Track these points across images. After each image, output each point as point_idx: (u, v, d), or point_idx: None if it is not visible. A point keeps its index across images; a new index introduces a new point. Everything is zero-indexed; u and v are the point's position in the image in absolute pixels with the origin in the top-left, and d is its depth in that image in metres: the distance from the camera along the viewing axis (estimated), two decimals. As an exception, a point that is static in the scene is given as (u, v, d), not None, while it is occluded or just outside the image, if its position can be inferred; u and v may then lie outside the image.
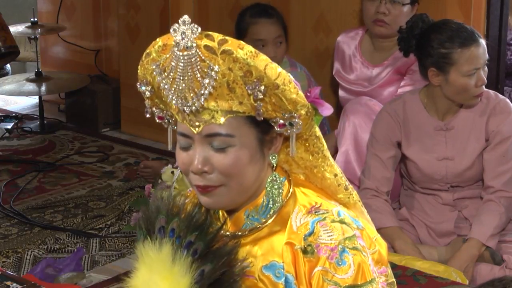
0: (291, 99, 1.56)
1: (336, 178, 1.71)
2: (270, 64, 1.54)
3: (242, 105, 1.55)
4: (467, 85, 3.09)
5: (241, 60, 1.52)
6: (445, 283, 2.85)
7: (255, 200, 1.65)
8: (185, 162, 1.60)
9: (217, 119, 1.55)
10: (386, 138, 3.29)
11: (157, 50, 1.58)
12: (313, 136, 1.66)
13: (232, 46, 1.52)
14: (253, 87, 1.53)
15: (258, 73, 1.53)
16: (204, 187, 1.59)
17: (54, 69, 5.64)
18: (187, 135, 1.59)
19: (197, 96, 1.53)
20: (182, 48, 1.51)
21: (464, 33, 3.08)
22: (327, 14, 4.27)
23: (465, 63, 3.06)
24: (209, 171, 1.58)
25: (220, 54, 1.52)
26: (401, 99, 3.33)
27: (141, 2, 4.99)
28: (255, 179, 1.61)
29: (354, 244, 1.58)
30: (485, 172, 3.20)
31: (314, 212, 1.62)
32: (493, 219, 3.14)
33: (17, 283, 2.45)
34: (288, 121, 1.58)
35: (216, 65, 1.52)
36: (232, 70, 1.52)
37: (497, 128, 3.17)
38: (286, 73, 1.56)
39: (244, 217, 1.65)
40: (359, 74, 3.84)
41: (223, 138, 1.56)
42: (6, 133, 5.17)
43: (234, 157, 1.57)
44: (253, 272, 1.64)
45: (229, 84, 1.53)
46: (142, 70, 1.64)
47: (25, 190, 4.30)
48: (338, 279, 1.56)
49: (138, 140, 5.02)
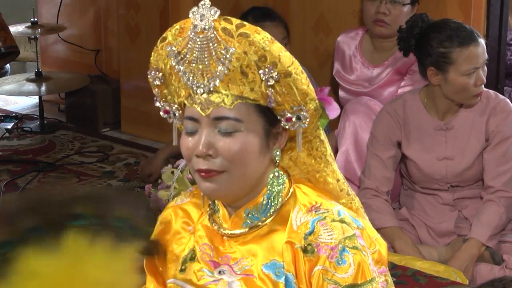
0: (302, 89, 1.57)
1: (339, 183, 1.71)
2: (285, 52, 1.56)
3: (253, 92, 1.56)
4: (466, 84, 3.09)
5: (257, 44, 1.54)
6: (445, 283, 2.86)
7: (255, 199, 1.64)
8: (189, 147, 1.60)
9: (227, 103, 1.56)
10: (386, 138, 3.29)
11: (173, 34, 1.60)
12: (317, 139, 1.67)
13: (250, 30, 1.54)
14: (266, 72, 1.54)
15: (272, 58, 1.54)
16: (207, 171, 1.59)
17: (54, 69, 5.64)
18: (195, 119, 1.59)
19: (212, 78, 1.55)
20: (200, 30, 1.54)
21: (463, 33, 3.08)
22: (327, 14, 4.27)
23: (464, 62, 3.07)
24: (213, 155, 1.58)
25: (237, 37, 1.54)
26: (401, 99, 3.33)
27: (141, 2, 4.99)
28: (257, 170, 1.61)
29: (354, 243, 1.58)
30: (485, 172, 3.20)
31: (314, 211, 1.62)
32: (493, 219, 3.14)
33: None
34: (296, 115, 1.59)
35: (232, 47, 1.53)
36: (247, 54, 1.54)
37: (497, 128, 3.18)
38: (298, 63, 1.58)
39: (244, 215, 1.65)
40: (359, 74, 3.84)
41: (231, 122, 1.57)
42: (6, 133, 5.16)
43: (240, 143, 1.57)
44: (252, 271, 1.64)
45: (242, 68, 1.55)
46: (155, 56, 1.64)
47: (25, 190, 4.29)
48: (338, 278, 1.57)
49: (138, 140, 5.01)
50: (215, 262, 1.68)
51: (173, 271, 1.74)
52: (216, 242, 1.69)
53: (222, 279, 1.66)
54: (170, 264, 1.75)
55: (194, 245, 1.72)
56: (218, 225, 1.69)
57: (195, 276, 1.69)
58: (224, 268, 1.66)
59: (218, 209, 1.69)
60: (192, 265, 1.70)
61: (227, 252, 1.67)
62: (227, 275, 1.66)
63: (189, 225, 1.75)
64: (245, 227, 1.65)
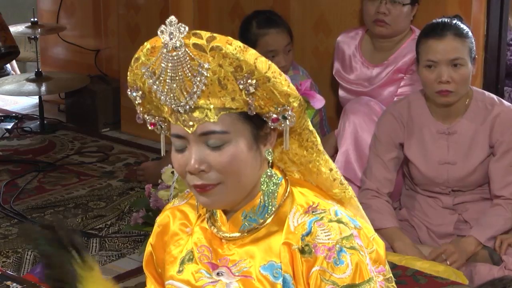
0: (282, 91, 1.56)
1: (332, 172, 1.70)
2: (260, 58, 1.54)
3: (234, 101, 1.55)
4: (427, 78, 3.10)
5: (230, 55, 1.52)
6: (445, 283, 2.85)
7: (252, 201, 1.64)
8: (181, 163, 1.60)
9: (211, 117, 1.54)
10: (389, 139, 3.28)
11: (145, 54, 1.58)
12: (306, 130, 1.65)
13: (221, 42, 1.52)
14: (244, 81, 1.53)
15: (248, 67, 1.53)
16: (202, 186, 1.59)
17: (54, 69, 5.64)
18: (182, 136, 1.58)
19: (190, 95, 1.53)
20: (171, 49, 1.51)
21: (436, 26, 3.10)
22: (327, 14, 4.26)
23: (424, 53, 3.10)
24: (206, 170, 1.57)
25: (210, 51, 1.52)
26: (406, 99, 3.32)
27: (141, 2, 4.99)
28: (251, 175, 1.61)
29: (352, 243, 1.58)
30: (492, 183, 3.16)
31: (311, 211, 1.62)
32: (497, 222, 3.13)
33: (17, 283, 2.45)
34: (282, 115, 1.58)
35: (206, 63, 1.52)
36: (222, 66, 1.52)
37: (502, 137, 3.14)
38: (275, 66, 1.56)
39: (241, 218, 1.65)
40: (359, 74, 3.84)
41: (218, 136, 1.56)
42: (6, 133, 5.17)
43: (231, 154, 1.57)
44: (251, 272, 1.64)
45: (220, 81, 1.53)
46: (131, 75, 1.63)
47: (25, 190, 4.30)
48: (336, 279, 1.56)
49: (138, 140, 5.02)
50: (214, 264, 1.68)
51: (171, 273, 1.74)
52: (214, 244, 1.69)
53: (220, 280, 1.66)
54: (168, 265, 1.75)
55: (192, 246, 1.72)
56: (216, 228, 1.69)
57: (193, 277, 1.69)
58: (222, 270, 1.66)
59: (215, 212, 1.70)
60: (190, 266, 1.70)
61: (225, 255, 1.67)
62: (225, 276, 1.66)
63: (187, 226, 1.75)
64: (244, 230, 1.65)
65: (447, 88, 3.07)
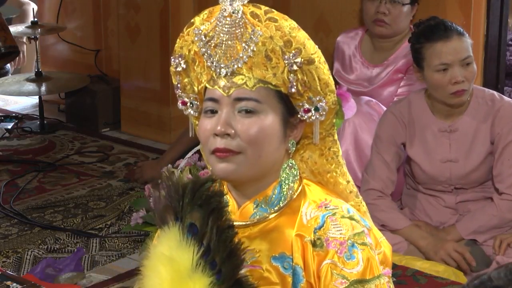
0: (323, 79, 1.60)
1: (348, 184, 1.73)
2: (310, 40, 1.60)
3: (275, 77, 1.59)
4: (440, 81, 3.10)
5: (284, 29, 1.58)
6: (445, 283, 2.86)
7: (265, 190, 1.65)
8: (208, 128, 1.61)
9: (249, 84, 1.59)
10: (391, 139, 3.29)
11: (201, 19, 1.63)
12: (331, 137, 1.69)
13: (278, 16, 1.60)
14: (290, 57, 1.58)
15: (297, 44, 1.58)
16: (224, 150, 1.59)
17: (54, 69, 5.64)
18: (216, 99, 1.61)
19: (236, 60, 1.58)
20: (228, 14, 1.57)
21: (438, 29, 3.10)
22: (327, 14, 4.27)
23: (433, 57, 3.09)
24: (232, 136, 1.59)
25: (265, 21, 1.58)
26: (407, 99, 3.32)
27: (141, 2, 4.99)
28: (272, 155, 1.62)
29: (363, 239, 1.60)
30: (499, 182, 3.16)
31: (324, 207, 1.64)
32: (482, 218, 3.15)
33: (17, 283, 2.45)
34: (315, 106, 1.61)
35: (259, 31, 1.57)
36: (273, 39, 1.58)
37: (502, 131, 3.15)
38: (321, 54, 1.61)
39: (253, 206, 1.66)
40: (359, 74, 3.84)
41: (251, 102, 1.59)
42: (6, 133, 5.17)
43: (259, 125, 1.59)
44: (260, 262, 1.64)
45: (267, 53, 1.58)
46: (180, 42, 1.67)
47: (25, 190, 4.30)
48: (346, 273, 1.58)
49: (138, 140, 5.01)
50: None
51: None
52: None
53: None
54: None
55: None
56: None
57: None
58: None
59: (227, 200, 1.70)
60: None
61: None
62: None
63: None
64: (253, 218, 1.66)
65: (462, 87, 3.09)
